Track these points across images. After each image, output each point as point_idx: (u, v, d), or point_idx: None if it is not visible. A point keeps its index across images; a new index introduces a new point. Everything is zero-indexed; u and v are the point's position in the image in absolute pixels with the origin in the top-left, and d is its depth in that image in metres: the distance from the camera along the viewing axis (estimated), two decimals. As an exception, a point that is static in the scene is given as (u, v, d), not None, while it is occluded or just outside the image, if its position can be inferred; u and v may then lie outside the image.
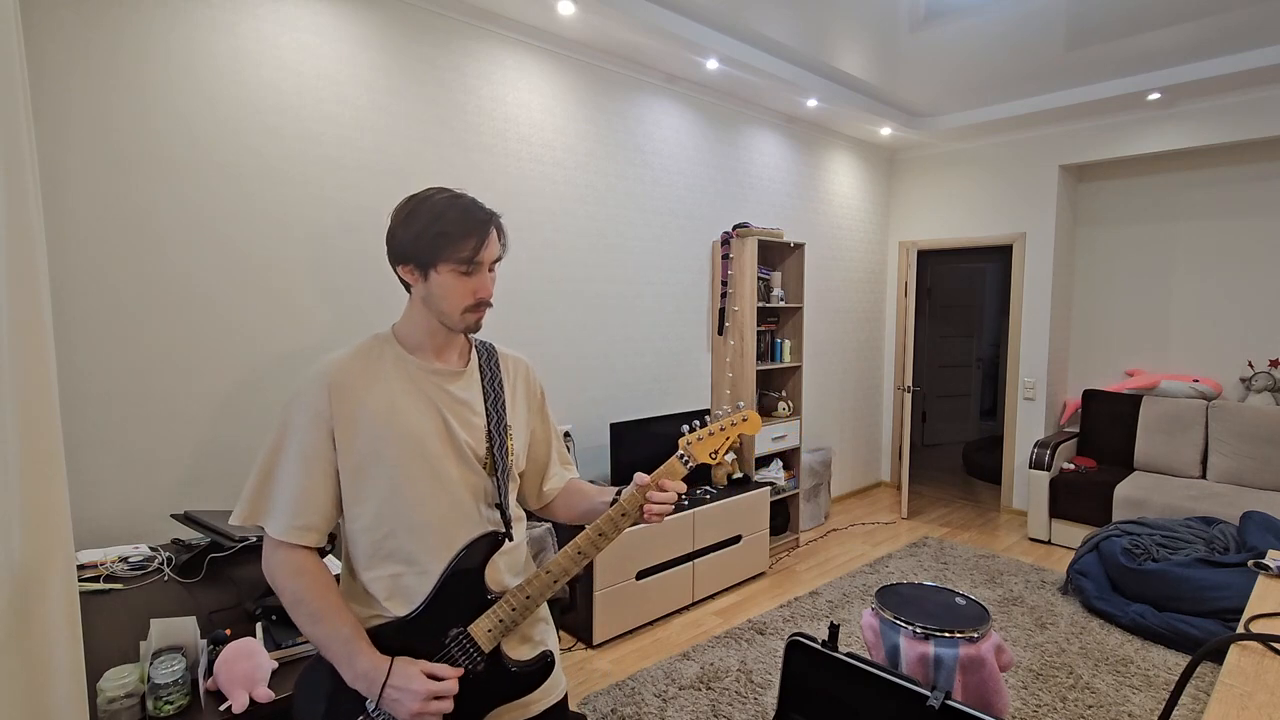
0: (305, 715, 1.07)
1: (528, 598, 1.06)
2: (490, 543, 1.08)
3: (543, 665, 1.11)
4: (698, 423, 1.13)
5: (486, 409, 1.15)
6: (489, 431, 1.14)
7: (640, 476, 1.09)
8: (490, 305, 1.12)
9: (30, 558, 0.96)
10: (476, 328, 1.12)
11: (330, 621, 1.01)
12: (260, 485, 1.05)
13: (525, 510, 1.30)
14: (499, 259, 1.13)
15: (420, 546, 1.07)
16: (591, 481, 1.38)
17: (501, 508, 1.14)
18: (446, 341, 1.15)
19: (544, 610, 1.23)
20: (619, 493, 1.15)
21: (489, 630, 1.05)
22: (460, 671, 1.01)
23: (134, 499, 2.11)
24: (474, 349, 1.21)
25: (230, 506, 2.29)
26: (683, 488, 1.10)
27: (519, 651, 1.14)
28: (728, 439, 1.13)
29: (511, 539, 1.14)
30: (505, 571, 1.14)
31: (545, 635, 1.21)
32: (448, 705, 0.98)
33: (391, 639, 1.03)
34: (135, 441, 2.11)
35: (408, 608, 1.05)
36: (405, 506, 1.06)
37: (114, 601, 1.65)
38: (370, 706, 1.00)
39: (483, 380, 1.18)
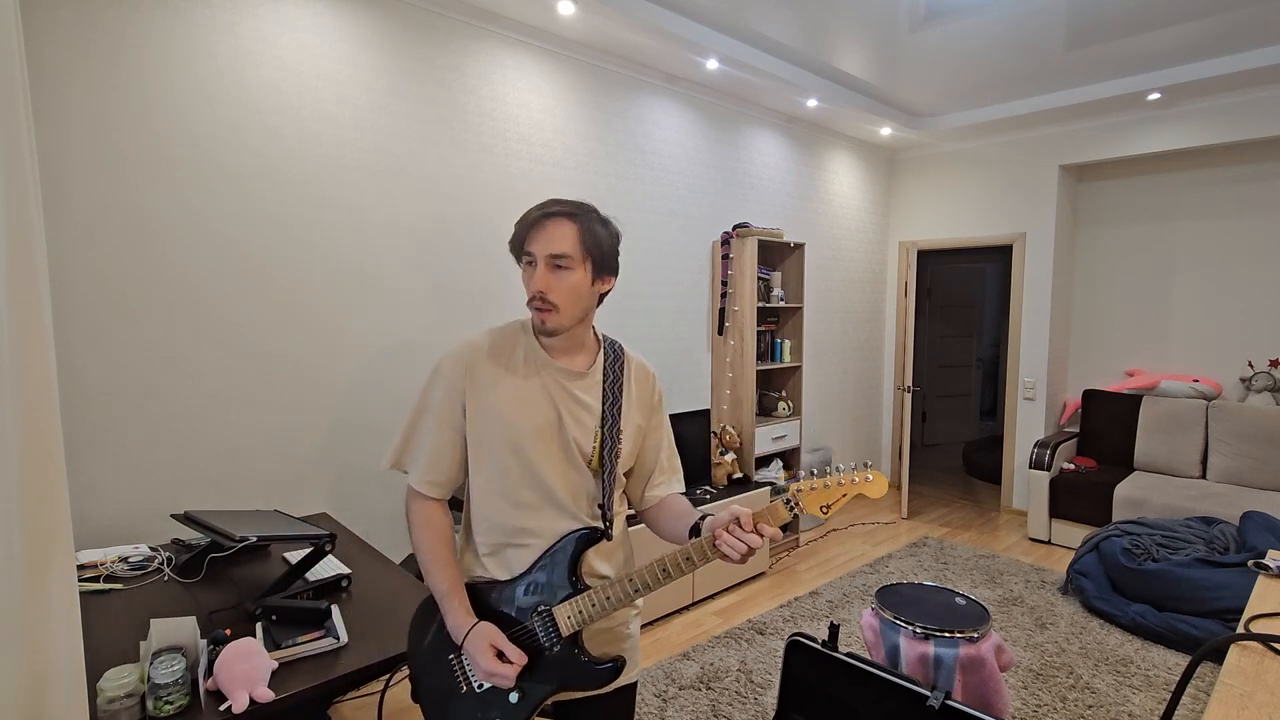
0: (417, 635, 1.22)
1: (608, 599, 1.11)
2: (587, 538, 1.16)
3: (611, 669, 1.15)
4: (814, 471, 1.08)
5: (603, 412, 1.21)
6: (601, 434, 1.20)
7: (737, 510, 1.05)
8: (546, 304, 1.13)
9: (30, 558, 0.96)
10: (542, 327, 1.16)
11: (435, 575, 1.16)
12: (405, 439, 1.21)
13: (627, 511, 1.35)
14: (565, 255, 1.12)
15: (519, 524, 1.17)
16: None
17: (604, 507, 1.20)
18: (571, 341, 1.21)
19: (640, 602, 1.29)
20: (702, 519, 1.16)
21: (569, 617, 1.12)
22: (525, 659, 1.10)
23: (134, 499, 2.11)
24: (602, 350, 1.26)
25: (229, 506, 2.29)
26: (777, 534, 1.07)
27: (602, 646, 1.22)
28: (845, 496, 1.06)
29: (609, 538, 1.20)
30: (601, 563, 1.22)
31: (632, 623, 1.30)
32: (509, 681, 1.08)
33: (488, 598, 1.18)
34: (135, 441, 2.11)
35: (507, 573, 1.18)
36: (509, 485, 1.16)
37: (114, 601, 1.65)
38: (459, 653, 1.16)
39: (604, 383, 1.23)
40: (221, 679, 1.23)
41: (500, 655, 1.09)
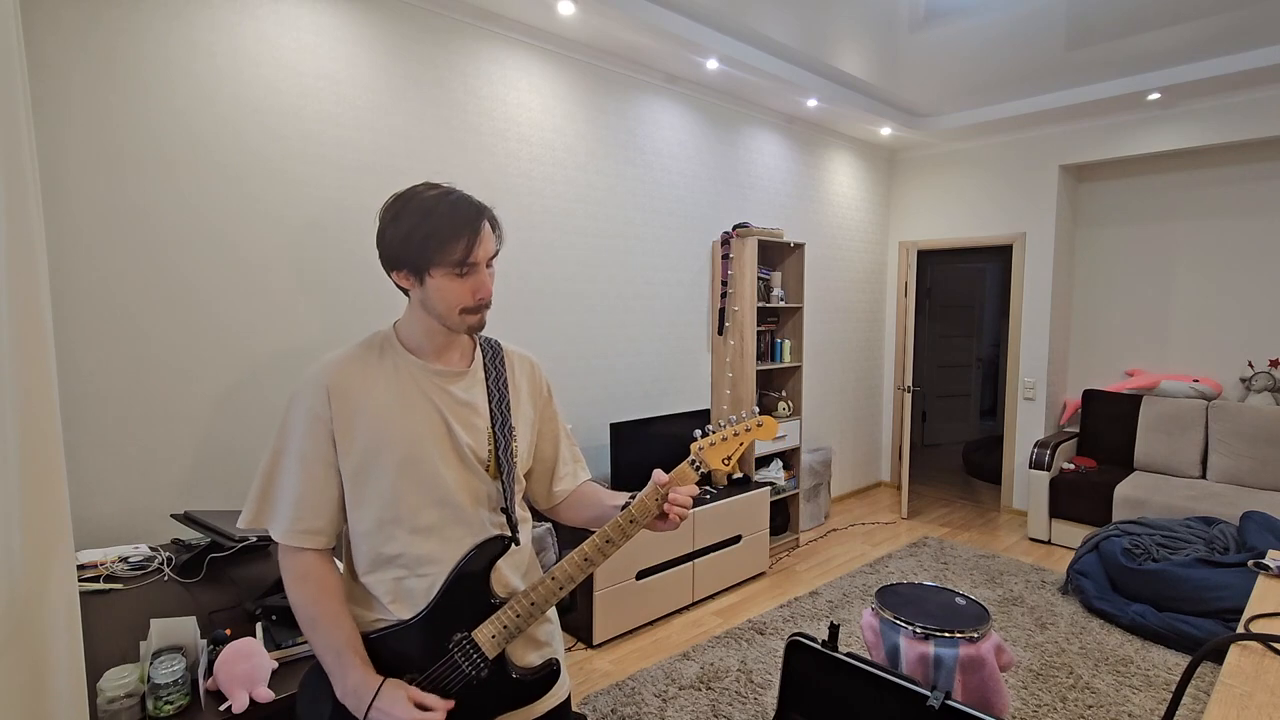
0: (308, 716, 1.06)
1: (532, 604, 1.05)
2: (497, 547, 1.07)
3: (548, 674, 1.10)
4: (710, 427, 1.09)
5: (490, 410, 1.12)
6: (493, 434, 1.11)
7: (659, 475, 1.06)
8: (489, 305, 1.08)
9: (30, 558, 0.96)
10: (479, 328, 1.09)
11: (325, 631, 1.00)
12: (264, 489, 1.05)
13: (533, 510, 1.28)
14: (495, 254, 1.08)
15: (421, 550, 1.05)
16: (597, 484, 1.34)
17: (507, 512, 1.11)
18: (448, 341, 1.12)
19: (551, 611, 1.21)
20: (631, 498, 1.11)
21: (493, 636, 1.04)
22: (450, 704, 0.99)
23: (134, 499, 2.11)
24: (478, 347, 1.17)
25: (229, 506, 2.29)
26: (694, 491, 1.07)
27: (524, 656, 1.12)
28: (741, 444, 1.09)
29: (518, 544, 1.12)
30: (511, 574, 1.13)
31: (551, 636, 1.19)
32: None
33: (395, 643, 1.03)
34: (135, 441, 2.11)
35: (411, 611, 1.04)
36: (405, 510, 1.04)
37: (114, 601, 1.65)
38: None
39: (487, 380, 1.14)
40: (221, 679, 1.23)
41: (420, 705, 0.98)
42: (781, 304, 4.17)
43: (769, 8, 3.01)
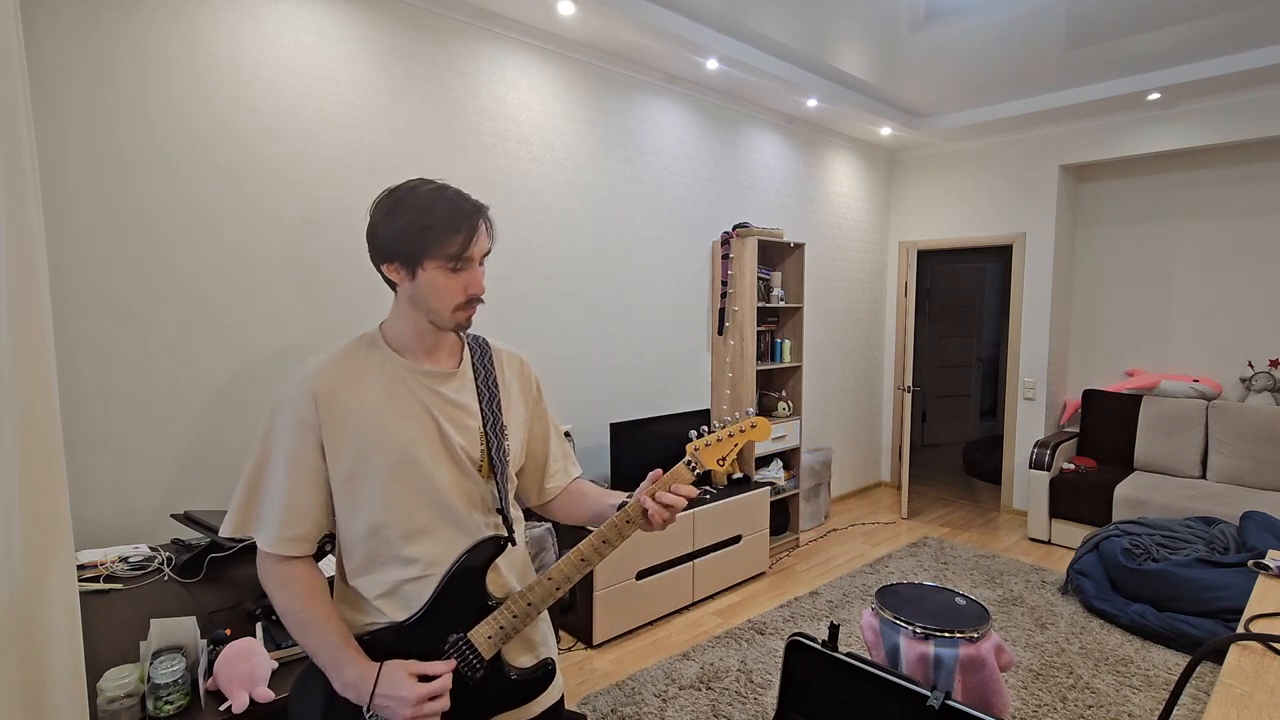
0: (301, 713, 1.06)
1: (529, 604, 1.05)
2: (492, 548, 1.06)
3: (543, 674, 1.09)
4: (705, 428, 1.10)
5: (481, 410, 1.11)
6: (485, 434, 1.10)
7: (656, 475, 1.06)
8: (482, 301, 1.08)
9: (30, 558, 0.96)
10: (468, 325, 1.08)
11: (317, 630, 0.99)
12: (248, 497, 1.03)
13: (524, 508, 1.28)
14: (488, 252, 1.08)
15: (416, 552, 1.04)
16: (593, 483, 1.34)
17: (503, 512, 1.11)
18: (437, 341, 1.10)
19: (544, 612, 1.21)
20: (628, 498, 1.11)
21: (489, 637, 1.03)
22: (453, 664, 1.00)
23: (134, 499, 2.11)
24: (466, 347, 1.16)
25: (229, 506, 2.28)
26: (692, 492, 1.06)
27: (519, 657, 1.12)
28: (736, 445, 1.09)
29: (514, 544, 1.11)
30: (507, 574, 1.13)
31: (546, 637, 1.19)
32: (443, 704, 0.96)
33: (390, 645, 1.01)
34: (135, 441, 2.11)
35: (406, 613, 1.03)
36: (399, 513, 1.03)
37: (114, 601, 1.65)
38: (366, 715, 0.97)
39: (476, 380, 1.13)
40: (221, 679, 1.23)
41: (423, 678, 0.98)
42: (781, 304, 4.17)
43: (769, 8, 3.01)
